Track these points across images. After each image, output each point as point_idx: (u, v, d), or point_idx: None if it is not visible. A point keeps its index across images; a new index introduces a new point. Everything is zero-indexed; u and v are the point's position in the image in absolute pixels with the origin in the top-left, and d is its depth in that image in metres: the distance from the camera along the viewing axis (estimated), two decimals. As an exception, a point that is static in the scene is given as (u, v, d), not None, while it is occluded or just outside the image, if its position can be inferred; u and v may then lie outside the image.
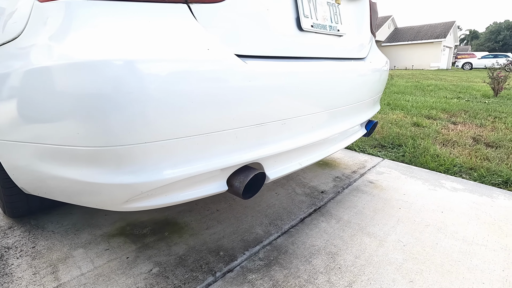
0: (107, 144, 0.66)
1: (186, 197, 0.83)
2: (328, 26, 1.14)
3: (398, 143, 2.58)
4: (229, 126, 0.77)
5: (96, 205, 0.84)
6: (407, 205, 1.51)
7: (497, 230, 1.29)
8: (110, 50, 0.62)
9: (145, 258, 1.08)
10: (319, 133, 1.11)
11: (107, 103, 0.62)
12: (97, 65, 0.60)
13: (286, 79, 0.90)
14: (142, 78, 0.63)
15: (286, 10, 0.96)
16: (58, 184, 0.84)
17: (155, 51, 0.64)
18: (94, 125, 0.64)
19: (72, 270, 1.01)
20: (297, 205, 1.49)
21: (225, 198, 1.55)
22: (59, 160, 0.76)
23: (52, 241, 1.18)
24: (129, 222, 1.32)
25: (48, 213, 1.38)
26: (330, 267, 1.05)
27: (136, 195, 0.73)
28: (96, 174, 0.73)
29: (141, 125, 0.64)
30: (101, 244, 1.16)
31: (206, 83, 0.69)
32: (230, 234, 1.24)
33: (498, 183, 1.81)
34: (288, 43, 0.97)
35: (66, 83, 0.62)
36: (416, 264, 1.07)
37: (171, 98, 0.66)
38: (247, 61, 0.78)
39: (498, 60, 8.12)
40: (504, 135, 2.83)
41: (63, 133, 0.69)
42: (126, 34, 0.64)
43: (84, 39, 0.62)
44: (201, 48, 0.70)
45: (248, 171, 0.87)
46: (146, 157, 0.69)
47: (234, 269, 1.04)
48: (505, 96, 5.84)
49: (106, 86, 0.61)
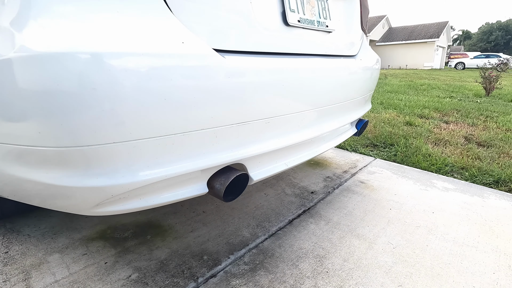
0: (72, 144, 0.61)
1: (163, 200, 0.78)
2: (316, 22, 1.10)
3: (390, 142, 2.56)
4: (208, 125, 0.73)
5: (68, 209, 0.78)
6: (398, 205, 1.48)
7: (488, 231, 1.27)
8: (74, 41, 0.56)
9: (124, 263, 1.03)
10: (306, 132, 1.07)
11: (71, 100, 0.57)
12: (59, 58, 0.55)
13: (270, 76, 0.86)
14: (109, 73, 0.58)
15: (271, 3, 0.92)
16: (29, 188, 0.79)
17: (123, 43, 0.60)
18: (57, 124, 0.59)
19: (45, 277, 0.96)
20: (286, 206, 1.45)
21: (211, 200, 1.50)
22: (27, 162, 0.70)
23: (27, 245, 1.12)
24: (111, 225, 1.26)
25: (26, 216, 1.32)
26: (317, 271, 1.02)
27: (107, 198, 0.68)
28: (63, 177, 0.67)
29: (108, 124, 0.59)
30: (79, 248, 1.11)
31: (181, 79, 0.65)
32: (215, 237, 1.19)
33: (489, 182, 1.80)
34: (273, 38, 0.93)
35: (24, 78, 0.57)
36: (405, 267, 1.04)
37: (142, 95, 0.61)
38: (226, 56, 0.73)
39: (490, 60, 8.18)
40: (496, 135, 2.83)
41: (27, 132, 0.63)
42: (92, 25, 0.59)
43: (44, 29, 0.56)
44: (175, 42, 0.65)
45: (230, 172, 0.83)
46: (115, 158, 0.64)
47: (218, 274, 1.00)
48: (497, 95, 5.89)
49: (69, 81, 0.56)
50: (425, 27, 26.81)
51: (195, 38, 0.69)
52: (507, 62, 8.22)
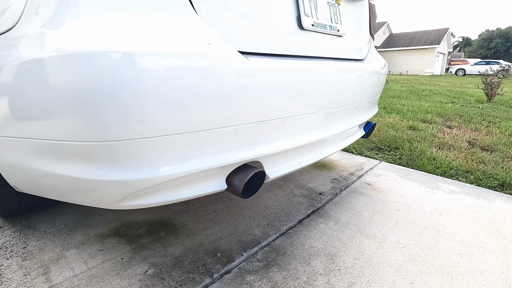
0: (103, 139, 0.64)
1: (184, 195, 0.81)
2: (329, 26, 1.14)
3: (395, 146, 2.58)
4: (230, 123, 0.76)
5: (90, 203, 0.81)
6: (405, 207, 1.50)
7: (495, 233, 1.29)
8: (107, 41, 0.60)
9: (140, 259, 1.05)
10: (318, 132, 1.10)
11: (104, 96, 0.60)
12: (93, 56, 0.58)
13: (287, 77, 0.89)
14: (140, 72, 0.61)
15: (287, 8, 0.96)
16: (52, 182, 0.82)
17: (154, 44, 0.63)
18: (90, 119, 0.62)
19: (64, 271, 0.98)
20: (295, 207, 1.47)
21: (222, 199, 1.53)
22: (53, 156, 0.73)
23: (44, 241, 1.14)
24: (124, 222, 1.29)
25: (40, 212, 1.35)
26: (329, 268, 1.04)
27: (133, 192, 0.71)
28: (91, 170, 0.70)
29: (138, 120, 0.62)
30: (95, 244, 1.13)
31: (207, 79, 0.68)
32: (227, 235, 1.21)
33: (494, 186, 1.82)
34: (289, 41, 0.96)
35: (60, 76, 0.60)
36: (415, 266, 1.06)
37: (170, 93, 0.64)
38: (250, 58, 0.77)
39: (491, 66, 8.25)
40: (499, 139, 2.85)
41: (58, 128, 0.66)
42: (124, 26, 0.62)
43: (79, 30, 0.60)
44: (202, 43, 0.69)
45: (248, 169, 0.86)
46: (143, 153, 0.67)
47: (232, 270, 1.02)
48: (498, 101, 5.92)
49: (103, 79, 0.59)
50: (425, 34, 27.01)
51: (221, 40, 0.72)
52: (508, 68, 8.29)
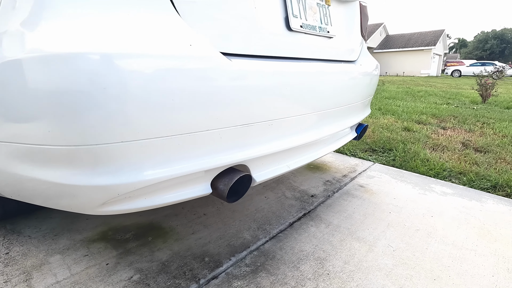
0: (81, 143, 0.62)
1: (168, 200, 0.79)
2: (318, 27, 1.13)
3: (389, 147, 2.58)
4: (213, 126, 0.74)
5: (72, 208, 0.79)
6: (397, 209, 1.50)
7: (487, 235, 1.29)
8: (85, 42, 0.58)
9: (126, 265, 1.03)
10: (308, 135, 1.09)
11: (81, 99, 0.58)
12: (69, 58, 0.56)
13: (273, 79, 0.88)
14: (119, 73, 0.59)
15: (274, 9, 0.94)
16: (34, 187, 0.79)
17: (133, 45, 0.61)
18: (68, 123, 0.60)
19: (46, 278, 0.96)
20: (287, 209, 1.46)
21: (212, 202, 1.51)
22: (34, 160, 0.71)
23: (28, 246, 1.12)
24: (112, 226, 1.26)
25: (26, 217, 1.32)
26: (318, 273, 1.02)
27: (113, 197, 0.69)
28: (71, 175, 0.68)
29: (117, 123, 0.61)
30: (80, 249, 1.11)
31: (188, 80, 0.66)
32: (216, 239, 1.20)
33: (487, 187, 1.82)
34: (277, 43, 0.95)
35: (37, 77, 0.58)
36: (405, 269, 1.05)
37: (150, 95, 0.62)
38: (233, 59, 0.75)
39: (486, 67, 8.31)
40: (492, 140, 2.86)
41: (37, 131, 0.64)
42: (102, 26, 0.60)
43: (56, 30, 0.58)
44: (184, 44, 0.67)
45: (233, 173, 0.84)
46: (123, 157, 0.65)
47: (219, 275, 1.00)
48: (493, 102, 5.96)
49: (81, 81, 0.57)
50: (421, 35, 27.19)
51: (203, 41, 0.71)
52: (503, 69, 8.35)
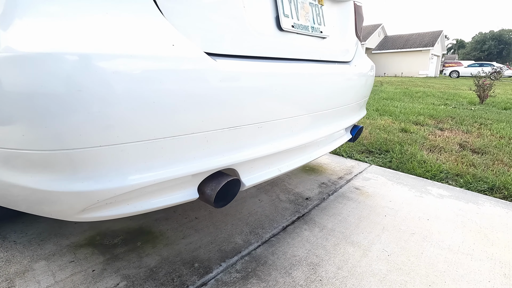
0: (57, 147, 0.59)
1: (152, 206, 0.76)
2: (310, 27, 1.10)
3: (386, 148, 2.56)
4: (198, 129, 0.72)
5: (53, 215, 0.76)
6: (393, 212, 1.47)
7: (483, 239, 1.26)
8: (60, 42, 0.55)
9: (112, 271, 1.00)
10: (300, 137, 1.06)
11: (55, 102, 0.55)
12: (42, 58, 0.54)
13: (262, 80, 0.85)
14: (96, 75, 0.56)
15: (264, 8, 0.92)
16: (16, 193, 0.76)
17: (110, 45, 0.58)
18: (42, 127, 0.57)
19: (29, 285, 0.93)
20: (280, 213, 1.43)
21: (205, 205, 1.48)
22: (14, 166, 0.68)
23: (12, 252, 1.08)
24: (100, 231, 1.23)
25: (13, 221, 1.29)
26: (310, 279, 0.99)
27: (92, 204, 0.66)
28: (48, 181, 0.65)
29: (94, 127, 0.58)
30: (66, 255, 1.08)
31: (170, 82, 0.64)
32: (207, 244, 1.17)
33: (484, 189, 1.80)
34: (266, 43, 0.92)
35: (7, 79, 0.55)
36: (400, 275, 1.03)
37: (128, 98, 0.59)
38: (218, 60, 0.73)
39: (484, 68, 8.31)
40: (490, 142, 2.84)
41: (11, 135, 0.62)
42: (79, 26, 0.58)
43: (29, 29, 0.55)
44: (165, 44, 0.64)
45: (221, 177, 0.81)
46: (102, 162, 0.62)
47: (208, 282, 0.97)
48: (491, 103, 5.95)
49: (52, 83, 0.54)
50: (420, 36, 27.24)
51: (186, 41, 0.68)
52: (500, 70, 8.35)
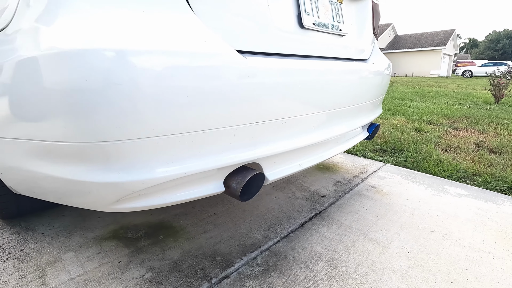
0: (94, 139, 0.62)
1: (181, 198, 0.79)
2: (330, 25, 1.11)
3: (400, 148, 2.54)
4: (227, 124, 0.74)
5: (86, 205, 0.79)
6: (410, 210, 1.46)
7: (505, 238, 1.25)
8: (100, 39, 0.58)
9: (138, 263, 1.03)
10: (320, 133, 1.08)
11: (95, 96, 0.58)
12: (83, 55, 0.57)
13: (286, 77, 0.87)
14: (133, 70, 0.59)
15: (287, 6, 0.93)
16: (48, 184, 0.80)
17: (148, 42, 0.61)
18: (81, 120, 0.60)
19: (60, 275, 0.97)
20: (297, 210, 1.44)
21: (222, 201, 1.51)
22: (50, 157, 0.72)
23: (41, 243, 1.13)
24: (123, 225, 1.27)
25: (39, 215, 1.34)
26: (331, 274, 1.00)
27: (127, 194, 0.69)
28: (85, 172, 0.69)
29: (131, 120, 0.61)
30: (92, 247, 1.11)
31: (202, 78, 0.66)
32: (227, 239, 1.19)
33: (503, 189, 1.77)
34: (289, 40, 0.94)
35: (52, 74, 0.58)
36: (421, 272, 1.03)
37: (164, 92, 0.62)
38: (247, 57, 0.75)
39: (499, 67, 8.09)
40: (507, 141, 2.79)
41: (51, 128, 0.65)
42: (117, 23, 0.61)
43: (71, 27, 0.58)
44: (198, 41, 0.67)
45: (246, 171, 0.83)
46: (137, 154, 0.65)
47: (231, 275, 0.99)
48: (506, 103, 5.82)
49: (93, 77, 0.57)
50: (431, 35, 26.78)
51: (217, 38, 0.70)
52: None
